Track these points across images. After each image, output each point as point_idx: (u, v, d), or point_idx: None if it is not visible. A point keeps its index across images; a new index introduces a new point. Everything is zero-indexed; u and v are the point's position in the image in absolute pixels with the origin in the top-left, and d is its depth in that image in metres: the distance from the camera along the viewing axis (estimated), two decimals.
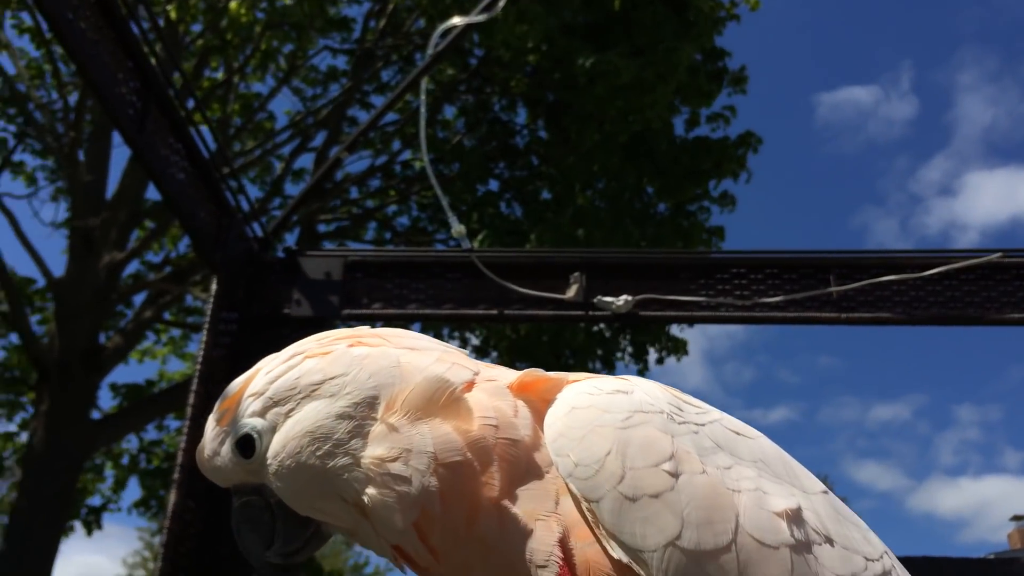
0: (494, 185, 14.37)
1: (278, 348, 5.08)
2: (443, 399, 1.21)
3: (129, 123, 4.16)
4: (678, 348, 13.52)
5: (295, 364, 1.31)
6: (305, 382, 1.26)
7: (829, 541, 1.15)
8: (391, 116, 14.01)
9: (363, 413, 1.21)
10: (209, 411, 4.26)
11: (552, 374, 1.30)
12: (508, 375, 1.31)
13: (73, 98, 12.39)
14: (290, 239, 13.74)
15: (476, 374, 1.27)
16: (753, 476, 1.17)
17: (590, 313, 5.27)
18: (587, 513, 1.14)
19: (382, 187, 14.49)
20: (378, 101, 14.67)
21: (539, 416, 1.24)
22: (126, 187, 12.14)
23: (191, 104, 7.78)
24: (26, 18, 12.60)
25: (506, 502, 1.16)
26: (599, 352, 13.12)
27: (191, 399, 4.70)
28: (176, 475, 4.54)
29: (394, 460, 1.17)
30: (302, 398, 1.25)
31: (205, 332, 4.91)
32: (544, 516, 1.16)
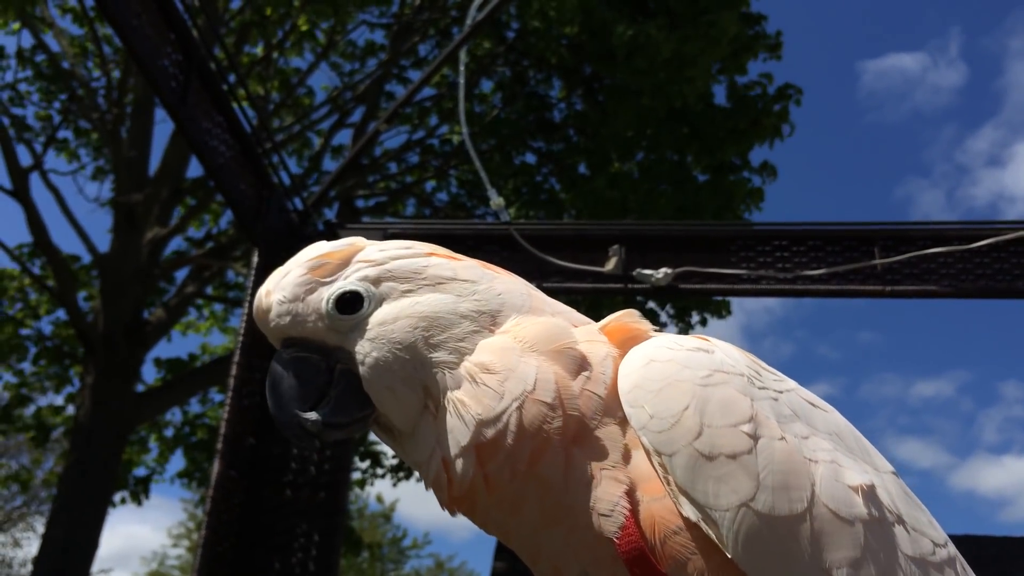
0: (531, 158, 14.32)
1: None
2: (557, 345, 1.22)
3: (172, 95, 4.20)
4: (721, 308, 13.41)
5: (419, 254, 1.33)
6: (433, 273, 1.28)
7: (901, 521, 1.15)
8: (428, 91, 14.01)
9: (484, 321, 1.24)
10: (252, 384, 4.28)
11: (638, 323, 1.31)
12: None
13: (116, 76, 12.54)
14: (329, 214, 13.86)
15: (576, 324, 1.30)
16: (829, 448, 1.16)
17: (629, 286, 5.23)
18: (658, 467, 1.13)
19: (420, 162, 14.50)
20: (415, 76, 14.66)
21: (616, 364, 1.24)
22: (168, 164, 12.28)
23: (232, 79, 7.83)
24: None
25: (576, 448, 1.16)
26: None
27: (233, 370, 4.77)
28: (219, 445, 4.61)
29: (493, 374, 1.18)
30: (425, 285, 1.27)
31: (247, 305, 4.96)
32: (611, 466, 1.15)
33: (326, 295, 1.26)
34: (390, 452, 15.83)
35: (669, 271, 5.15)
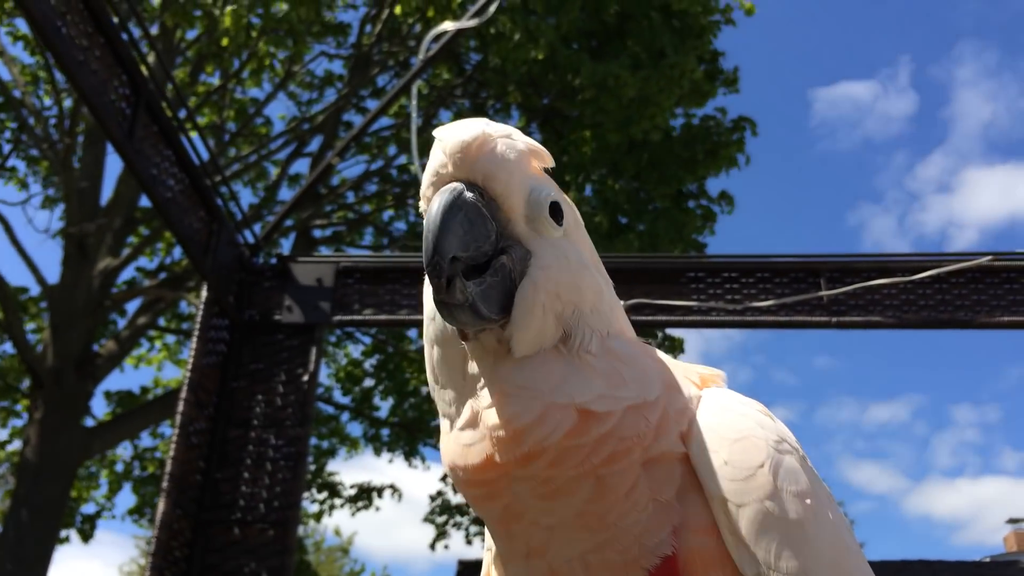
0: None
1: (270, 355, 5.08)
2: (674, 374, 1.24)
3: (118, 130, 4.17)
4: (675, 347, 13.55)
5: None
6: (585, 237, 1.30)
7: None
8: (386, 120, 14.04)
9: (617, 309, 1.26)
10: (200, 420, 4.22)
11: (713, 374, 1.35)
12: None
13: (67, 105, 12.39)
14: (286, 244, 13.77)
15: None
16: (848, 529, 1.25)
17: None
18: (721, 514, 1.14)
19: (379, 192, 14.49)
20: (374, 106, 14.67)
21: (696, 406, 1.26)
22: (121, 193, 12.13)
23: (184, 112, 7.78)
24: (20, 25, 12.61)
25: (643, 472, 1.15)
26: None
27: (180, 407, 4.70)
28: (165, 484, 4.53)
29: (625, 364, 1.16)
30: (585, 243, 1.28)
31: (195, 339, 4.91)
32: (665, 500, 1.15)
33: (544, 189, 1.21)
34: (349, 482, 15.65)
35: (621, 303, 5.19)
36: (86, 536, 13.23)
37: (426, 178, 1.19)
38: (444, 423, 1.20)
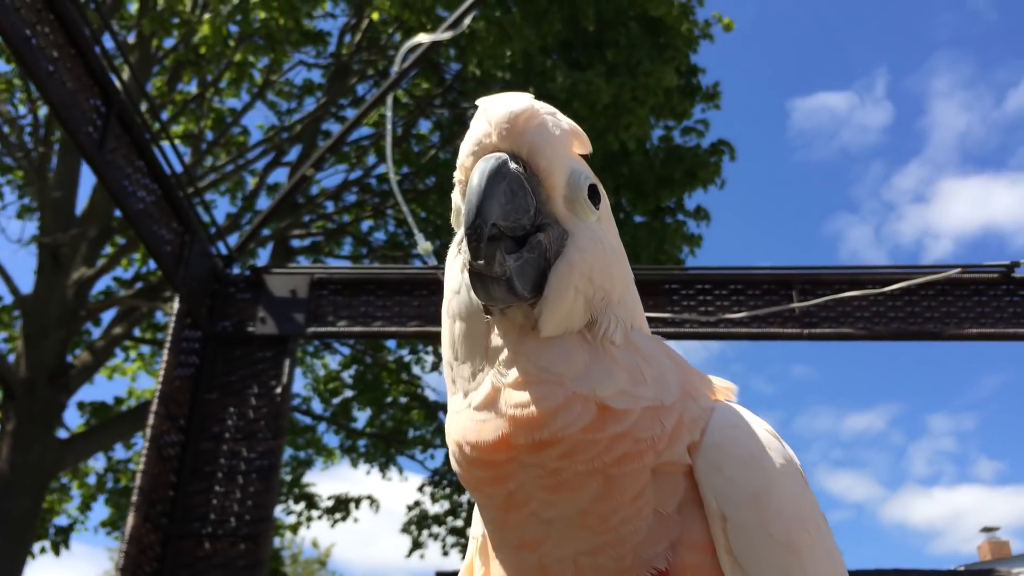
0: None
1: (243, 367, 5.06)
2: (694, 383, 1.24)
3: (88, 141, 4.14)
4: None
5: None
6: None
7: None
8: (366, 130, 14.03)
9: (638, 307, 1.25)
10: (171, 432, 4.19)
11: (727, 387, 1.34)
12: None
13: (43, 113, 12.30)
14: (264, 254, 13.71)
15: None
16: (842, 561, 1.25)
17: None
18: (719, 532, 1.13)
19: (358, 201, 14.46)
20: (353, 115, 14.66)
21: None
22: (96, 202, 12.03)
23: (159, 121, 7.75)
24: None
25: (651, 480, 1.14)
26: None
27: (151, 420, 4.66)
28: (135, 498, 4.49)
29: (647, 364, 1.16)
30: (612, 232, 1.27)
31: (166, 351, 4.88)
32: (666, 512, 1.14)
33: (584, 172, 1.20)
34: (326, 493, 15.56)
35: None
36: (59, 549, 13.07)
37: (466, 147, 1.17)
38: (456, 399, 1.16)
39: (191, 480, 5.00)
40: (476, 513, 1.33)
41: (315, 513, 15.19)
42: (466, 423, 1.12)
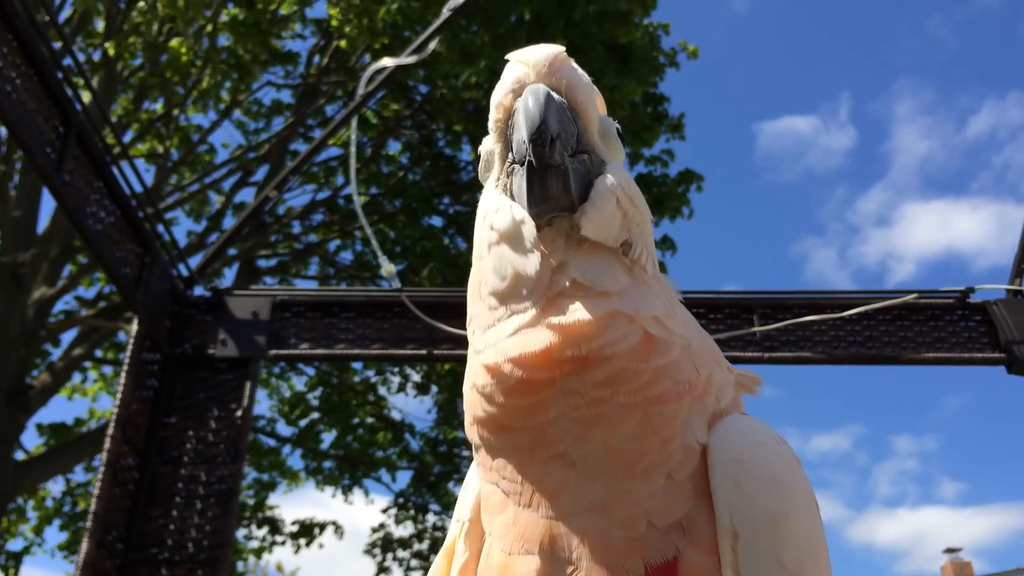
0: (438, 220, 14.40)
1: (203, 389, 4.99)
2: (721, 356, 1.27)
3: (46, 161, 4.10)
4: None
5: None
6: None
7: None
8: (334, 150, 14.00)
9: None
10: (127, 455, 4.11)
11: (753, 382, 1.34)
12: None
13: (3, 132, 12.14)
14: (229, 275, 13.60)
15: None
16: None
17: None
18: (728, 547, 1.11)
19: (325, 221, 14.40)
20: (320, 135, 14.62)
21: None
22: (58, 221, 11.87)
23: (119, 146, 7.67)
24: None
25: (680, 426, 1.14)
26: None
27: (107, 444, 4.59)
28: (89, 523, 4.41)
29: (672, 295, 1.20)
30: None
31: (123, 374, 4.81)
32: (679, 480, 1.13)
33: (609, 119, 1.27)
34: (290, 518, 15.37)
35: None
36: (10, 573, 12.77)
37: (503, 87, 1.21)
38: (491, 333, 1.13)
39: (148, 505, 4.92)
40: (463, 495, 1.32)
41: (279, 538, 14.99)
42: (508, 345, 1.10)
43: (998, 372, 5.33)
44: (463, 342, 4.76)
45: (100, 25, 12.40)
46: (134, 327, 5.03)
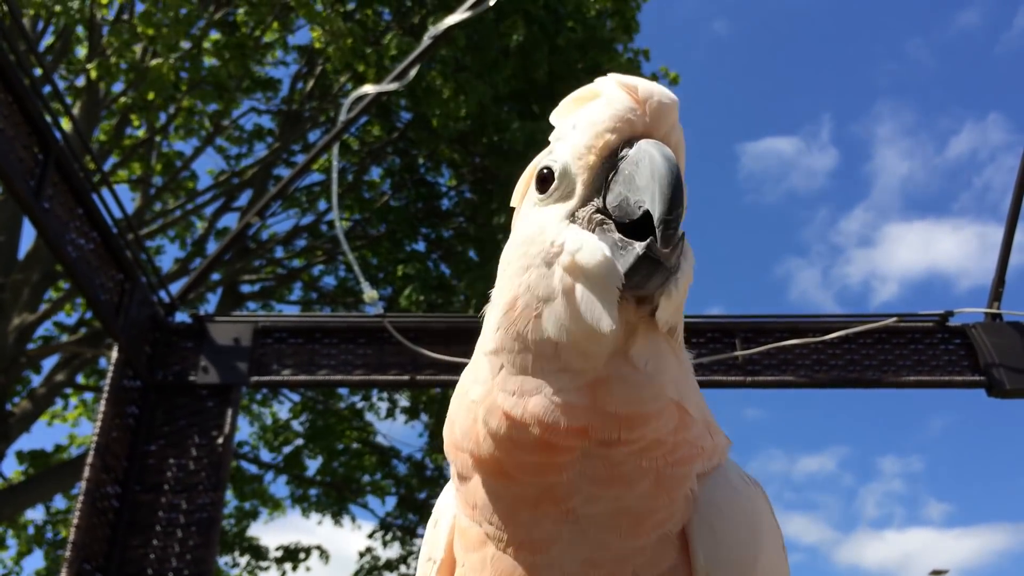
0: (421, 245, 14.40)
1: (184, 416, 4.95)
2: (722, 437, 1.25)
3: (25, 188, 4.08)
4: None
5: None
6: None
7: None
8: (317, 176, 14.01)
9: None
10: (106, 484, 4.04)
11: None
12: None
13: None
14: (213, 300, 13.53)
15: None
16: None
17: None
18: None
19: (308, 246, 14.38)
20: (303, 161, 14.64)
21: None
22: (39, 247, 11.79)
23: (103, 167, 7.65)
24: None
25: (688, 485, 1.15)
26: None
27: (86, 472, 4.54)
28: (68, 553, 4.36)
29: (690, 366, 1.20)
30: None
31: (103, 402, 4.77)
32: (671, 534, 1.13)
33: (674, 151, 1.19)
34: (273, 544, 15.20)
35: None
36: None
37: (604, 119, 1.13)
38: (520, 375, 1.09)
39: (128, 533, 4.87)
40: (433, 533, 1.30)
41: (263, 564, 14.82)
42: (543, 405, 1.06)
43: (981, 394, 5.37)
44: (446, 368, 4.74)
45: (82, 53, 12.40)
46: (114, 354, 4.99)
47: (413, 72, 5.08)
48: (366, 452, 14.86)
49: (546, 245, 1.10)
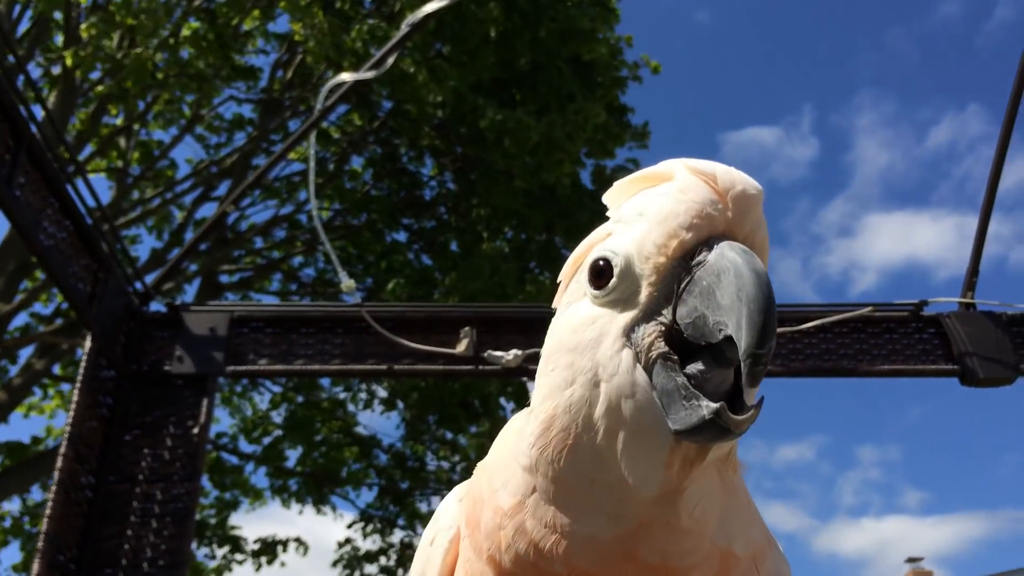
0: (402, 236, 14.37)
1: (159, 407, 4.92)
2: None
3: None
4: None
5: None
6: None
7: None
8: (297, 165, 13.92)
9: None
10: (79, 476, 4.01)
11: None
12: None
13: None
14: (190, 290, 13.44)
15: None
16: None
17: (480, 367, 5.27)
18: None
19: (288, 237, 14.31)
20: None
21: None
22: (15, 236, 11.68)
23: (80, 155, 7.57)
24: None
25: None
26: (510, 390, 13.10)
27: (59, 463, 4.50)
28: (40, 544, 4.32)
29: (745, 491, 1.12)
30: None
31: (76, 392, 4.73)
32: None
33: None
34: (252, 536, 15.16)
35: (519, 352, 5.21)
36: None
37: (679, 212, 0.98)
38: (552, 505, 1.01)
39: (102, 524, 4.83)
40: (428, 554, 1.24)
41: (239, 557, 14.77)
42: (574, 546, 0.99)
43: (956, 383, 5.42)
44: (424, 357, 4.72)
45: (60, 40, 12.25)
46: (88, 343, 4.94)
47: (391, 60, 5.05)
48: (346, 442, 14.83)
49: (596, 363, 0.99)
